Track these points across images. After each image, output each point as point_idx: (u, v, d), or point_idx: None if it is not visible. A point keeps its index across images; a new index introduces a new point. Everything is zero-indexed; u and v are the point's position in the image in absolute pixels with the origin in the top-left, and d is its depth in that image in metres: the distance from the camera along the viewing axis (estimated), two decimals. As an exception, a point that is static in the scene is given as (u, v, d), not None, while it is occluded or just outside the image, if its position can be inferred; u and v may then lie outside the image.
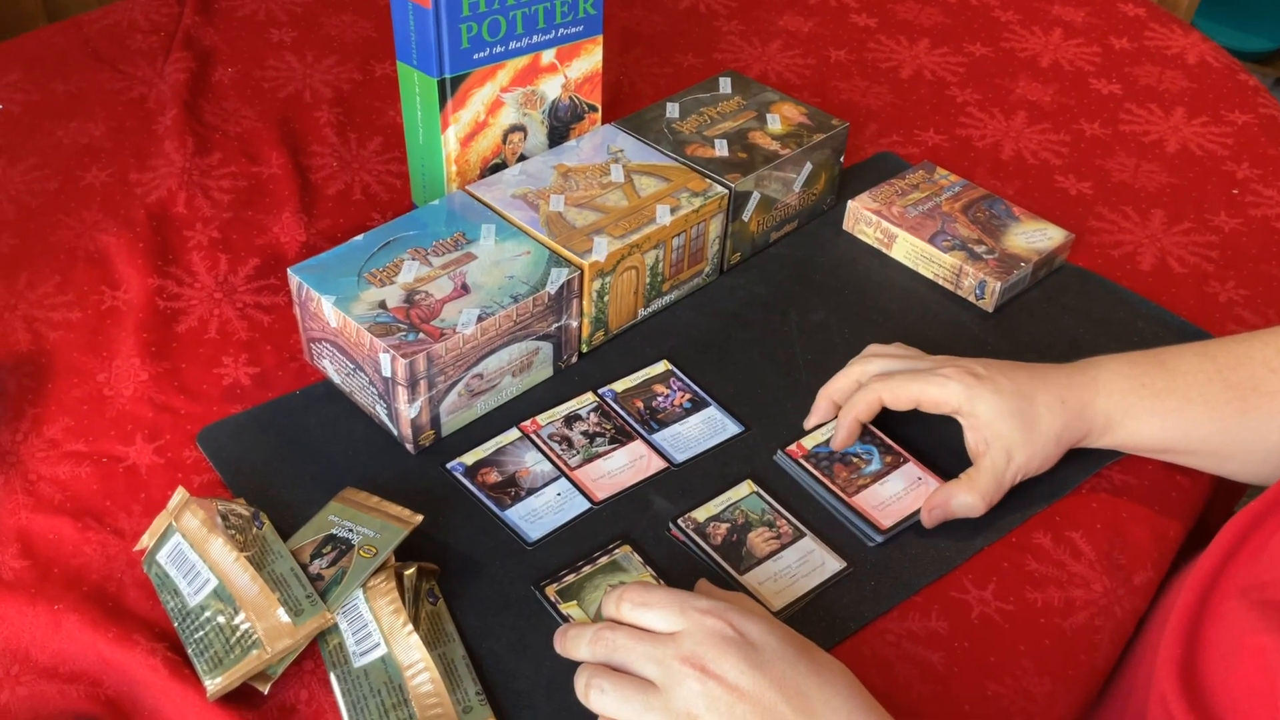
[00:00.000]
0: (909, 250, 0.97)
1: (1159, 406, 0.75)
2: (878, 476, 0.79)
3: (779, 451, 0.80)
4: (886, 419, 0.82)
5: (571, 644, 0.65)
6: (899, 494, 0.78)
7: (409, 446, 0.80)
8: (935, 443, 0.82)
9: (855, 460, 0.80)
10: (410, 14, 0.88)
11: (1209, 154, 1.13)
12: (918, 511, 0.77)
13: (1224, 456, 0.76)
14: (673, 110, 1.00)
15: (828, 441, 0.81)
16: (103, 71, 1.17)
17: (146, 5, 1.27)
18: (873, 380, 0.78)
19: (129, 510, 0.76)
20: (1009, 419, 0.74)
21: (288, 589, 0.67)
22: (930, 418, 0.77)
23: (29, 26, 1.33)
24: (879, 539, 0.75)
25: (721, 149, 0.95)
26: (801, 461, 0.79)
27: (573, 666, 0.68)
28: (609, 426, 0.82)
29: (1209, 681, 0.62)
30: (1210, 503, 0.85)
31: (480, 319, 0.78)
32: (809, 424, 0.82)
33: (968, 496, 0.75)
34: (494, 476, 0.79)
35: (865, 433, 0.81)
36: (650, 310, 0.92)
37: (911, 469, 0.79)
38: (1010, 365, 0.77)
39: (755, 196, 0.94)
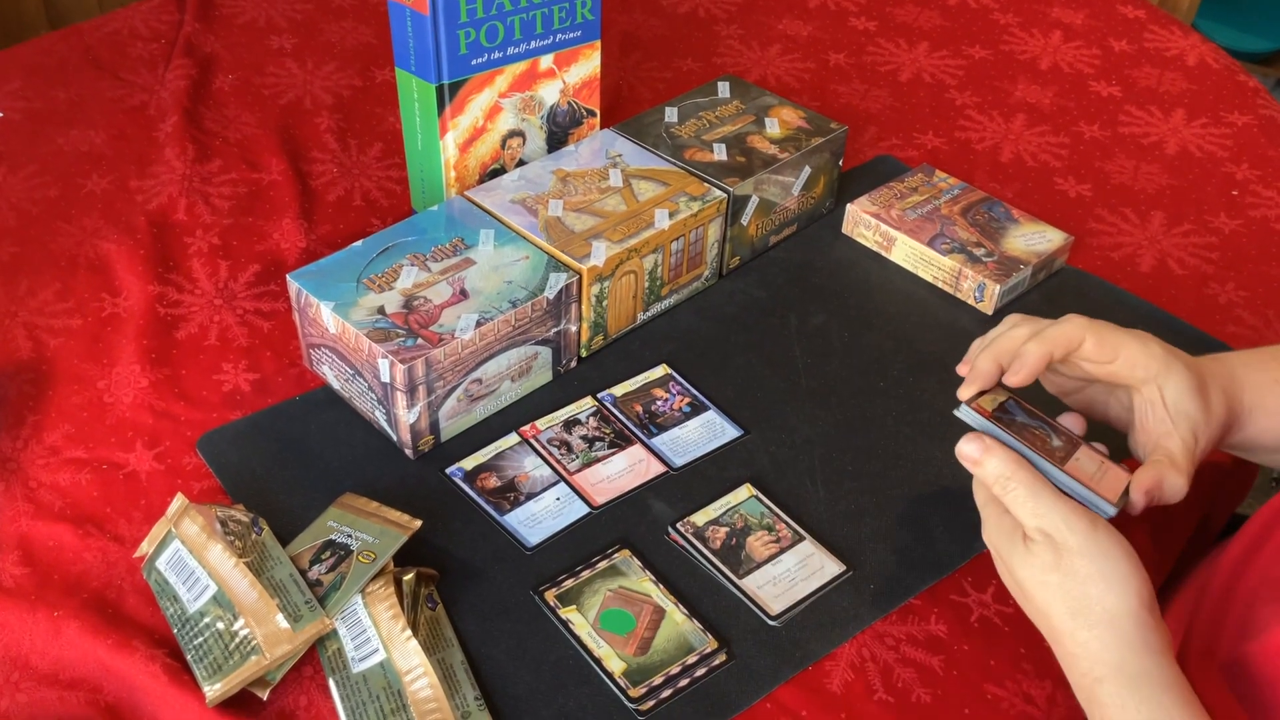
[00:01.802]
0: (908, 253, 0.97)
1: None
2: (1068, 452, 0.69)
3: (963, 406, 0.70)
4: (882, 437, 0.81)
5: (982, 477, 0.66)
6: (1094, 474, 0.69)
7: (408, 452, 0.80)
8: (928, 459, 0.81)
9: (1038, 432, 0.70)
10: (408, 20, 0.88)
11: (1209, 155, 1.13)
12: (1126, 490, 0.69)
13: None
14: (671, 115, 1.00)
15: (999, 406, 0.71)
16: (103, 79, 1.18)
17: (147, 13, 1.27)
18: (1075, 318, 0.70)
19: (129, 517, 0.77)
20: (1195, 398, 0.69)
21: (287, 595, 0.67)
22: (928, 431, 0.75)
23: (32, 34, 1.34)
24: (1112, 511, 0.67)
25: (720, 153, 0.95)
26: (993, 421, 0.69)
27: (570, 672, 0.68)
28: (608, 431, 0.82)
29: (1234, 656, 0.63)
30: (1214, 503, 0.85)
31: (479, 324, 0.78)
32: (967, 392, 0.71)
33: (1179, 479, 0.68)
34: (493, 481, 0.79)
35: (1027, 410, 0.72)
36: (649, 314, 0.92)
37: (1090, 450, 0.70)
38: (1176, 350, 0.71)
39: (754, 200, 0.94)
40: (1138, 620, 0.60)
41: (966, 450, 0.66)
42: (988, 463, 0.65)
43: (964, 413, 0.70)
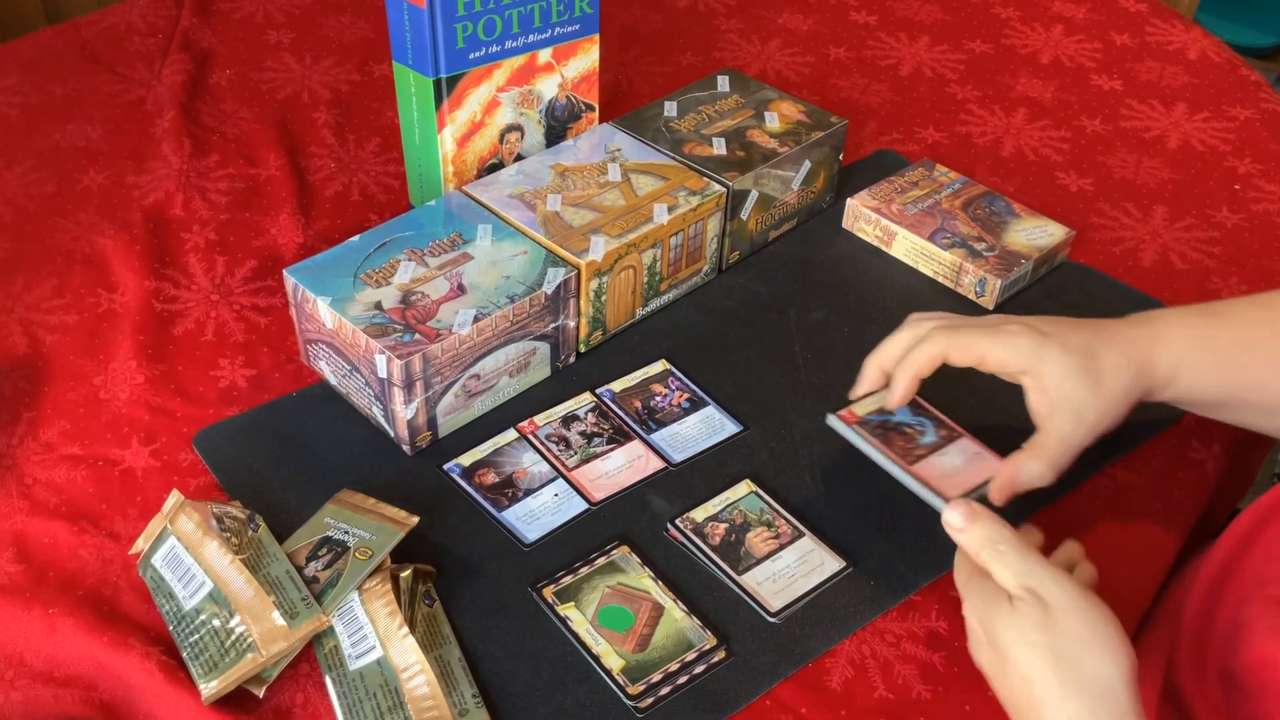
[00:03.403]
0: (909, 248, 0.97)
1: (1221, 360, 0.72)
2: (935, 448, 0.75)
3: (830, 415, 0.76)
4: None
5: (969, 544, 0.64)
6: (959, 467, 0.73)
7: (406, 448, 0.80)
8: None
9: (910, 431, 0.76)
10: (405, 14, 0.88)
11: (1210, 149, 1.13)
12: (985, 483, 0.73)
13: (1275, 411, 0.73)
14: (670, 109, 0.99)
15: (879, 410, 0.77)
16: (100, 74, 1.17)
17: (144, 8, 1.27)
18: (935, 331, 0.72)
19: (125, 514, 0.76)
20: (1078, 378, 0.69)
21: (283, 592, 0.67)
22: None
23: (29, 29, 1.33)
24: (942, 506, 0.68)
25: (719, 147, 0.95)
26: (857, 428, 0.75)
27: (568, 669, 0.67)
28: (607, 427, 0.82)
29: (1223, 669, 0.62)
30: (1213, 499, 0.85)
31: (477, 319, 0.78)
32: (856, 393, 0.77)
33: (1036, 465, 0.70)
34: (491, 477, 0.78)
35: (915, 406, 0.77)
36: (648, 310, 0.91)
37: (967, 443, 0.76)
38: (1072, 322, 0.73)
39: (753, 195, 0.94)
40: (1128, 695, 0.57)
41: (951, 518, 0.64)
42: (973, 530, 0.63)
43: (831, 420, 0.75)
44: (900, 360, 0.74)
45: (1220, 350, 0.72)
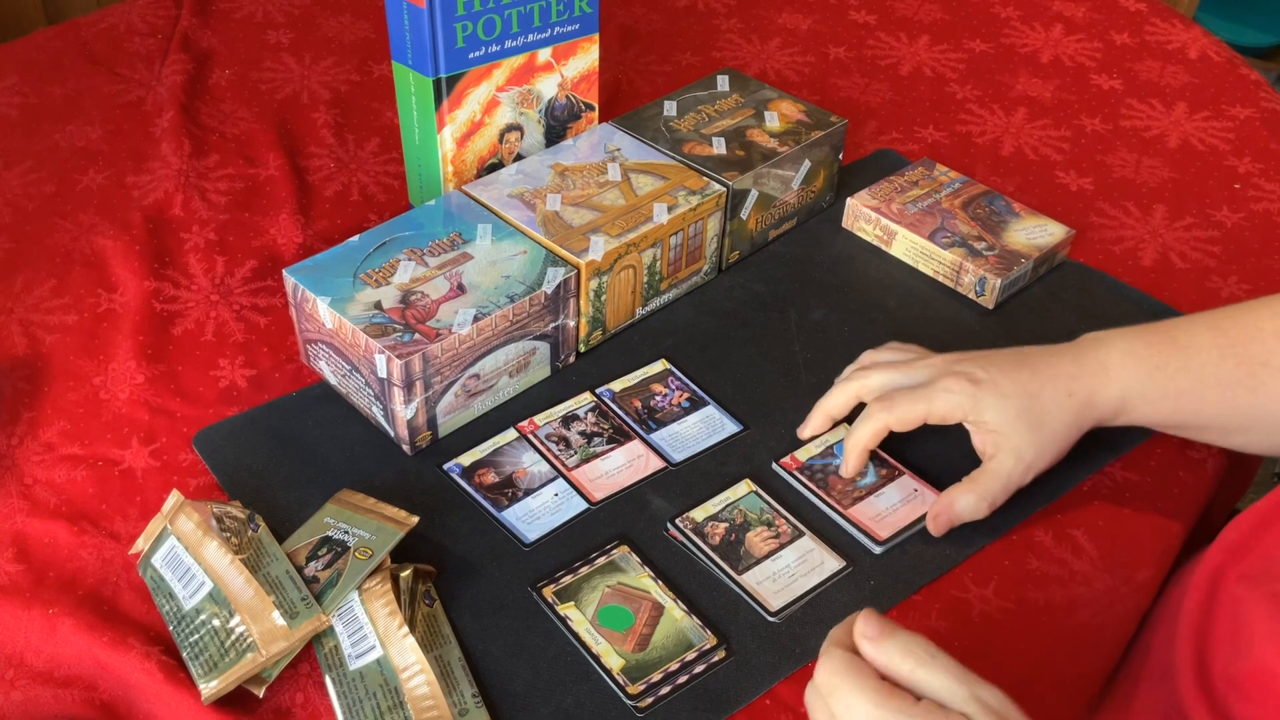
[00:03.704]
0: (909, 247, 0.97)
1: (1172, 389, 0.73)
2: (873, 489, 0.78)
3: (773, 463, 0.80)
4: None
5: (885, 656, 0.57)
6: (895, 505, 0.77)
7: (405, 448, 0.80)
8: (930, 455, 0.81)
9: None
10: (405, 13, 0.88)
11: (1211, 149, 1.13)
12: (917, 521, 0.76)
13: (1234, 430, 0.75)
14: (670, 108, 0.99)
15: (822, 454, 0.80)
16: (100, 74, 1.17)
17: (144, 8, 1.27)
18: (874, 406, 0.76)
19: (125, 514, 0.76)
20: (1016, 421, 0.73)
21: (283, 592, 0.67)
22: (925, 428, 0.76)
23: (29, 29, 1.33)
24: (878, 550, 0.75)
25: (719, 147, 0.95)
26: (796, 474, 0.79)
27: (568, 669, 0.67)
28: (607, 426, 0.82)
29: (1222, 675, 0.62)
30: (1213, 499, 0.85)
31: (476, 319, 0.78)
32: (803, 434, 0.81)
33: (969, 498, 0.74)
34: (491, 477, 0.78)
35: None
36: (648, 309, 0.91)
37: (908, 481, 0.78)
38: (1010, 361, 0.75)
39: (753, 194, 0.94)
40: None
41: (862, 628, 0.58)
42: (890, 641, 0.57)
43: (775, 468, 0.79)
44: (847, 428, 0.78)
45: (1170, 379, 0.73)
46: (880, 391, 0.77)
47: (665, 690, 0.67)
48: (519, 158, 0.99)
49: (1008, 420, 0.73)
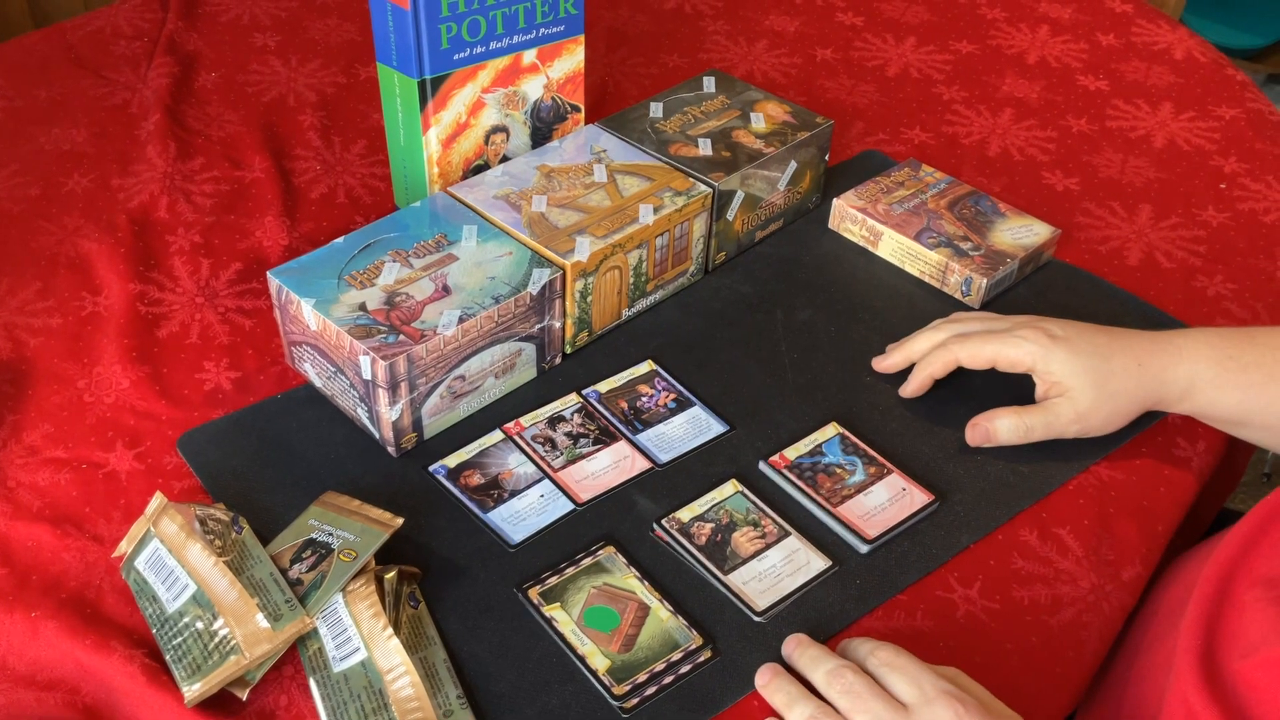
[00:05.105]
0: (895, 248, 0.97)
1: (1244, 380, 0.75)
2: (862, 487, 0.78)
3: (761, 461, 0.80)
4: (869, 431, 0.82)
5: (809, 664, 0.65)
6: (883, 504, 0.77)
7: (391, 449, 0.79)
8: (919, 455, 0.81)
9: (839, 471, 0.79)
10: (389, 15, 0.87)
11: (1196, 149, 1.13)
12: (905, 520, 0.76)
13: None
14: (656, 110, 0.99)
15: (811, 452, 0.80)
16: (85, 77, 1.17)
17: (130, 11, 1.26)
18: (950, 340, 0.80)
19: (108, 517, 0.76)
20: (1082, 375, 0.76)
21: (267, 594, 0.66)
22: (915, 427, 0.77)
23: (15, 32, 1.33)
24: (865, 548, 0.75)
25: (705, 148, 0.95)
26: (785, 472, 0.78)
27: (553, 669, 0.67)
28: (593, 427, 0.82)
29: (1229, 669, 0.62)
30: (1200, 497, 0.85)
31: (461, 320, 0.77)
32: (880, 367, 0.85)
33: (1011, 419, 0.77)
34: (477, 479, 0.78)
35: (848, 444, 0.81)
36: (634, 310, 0.91)
37: (896, 480, 0.78)
38: (1090, 327, 0.79)
39: (739, 195, 0.94)
40: None
41: (788, 653, 0.68)
42: (802, 664, 0.66)
43: (763, 467, 0.79)
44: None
45: (1243, 370, 0.75)
46: (959, 331, 0.81)
47: (651, 691, 0.67)
48: (505, 159, 0.99)
49: (1074, 373, 0.76)
